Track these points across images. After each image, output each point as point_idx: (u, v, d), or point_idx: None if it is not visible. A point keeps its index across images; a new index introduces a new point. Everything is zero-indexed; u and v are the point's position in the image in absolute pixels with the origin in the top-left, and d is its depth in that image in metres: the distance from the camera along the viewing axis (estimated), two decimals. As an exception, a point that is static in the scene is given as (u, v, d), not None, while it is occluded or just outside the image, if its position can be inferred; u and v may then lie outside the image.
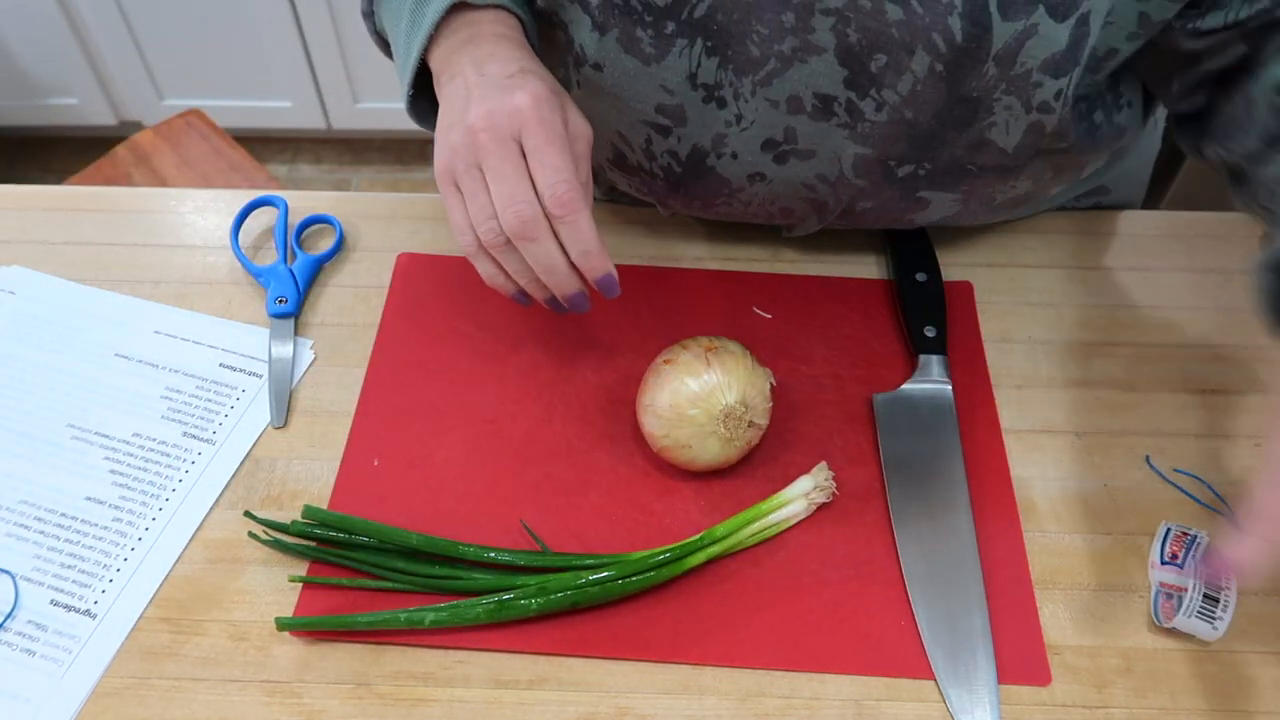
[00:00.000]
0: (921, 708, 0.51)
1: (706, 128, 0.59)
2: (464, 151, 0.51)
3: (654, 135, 0.61)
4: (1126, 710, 0.51)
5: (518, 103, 0.50)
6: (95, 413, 0.63)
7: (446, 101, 0.54)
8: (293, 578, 0.55)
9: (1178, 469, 0.61)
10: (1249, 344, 0.67)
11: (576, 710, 0.52)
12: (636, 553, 0.55)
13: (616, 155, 0.65)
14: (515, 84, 0.51)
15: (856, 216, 0.66)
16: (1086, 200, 0.76)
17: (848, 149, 0.59)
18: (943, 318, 0.65)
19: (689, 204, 0.66)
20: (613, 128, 0.63)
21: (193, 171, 1.31)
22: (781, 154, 0.60)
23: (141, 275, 0.71)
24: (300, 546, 0.56)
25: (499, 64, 0.53)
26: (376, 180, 2.08)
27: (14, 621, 0.54)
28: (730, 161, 0.61)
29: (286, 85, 1.93)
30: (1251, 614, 0.55)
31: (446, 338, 0.67)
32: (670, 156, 0.62)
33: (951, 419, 0.62)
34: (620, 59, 0.58)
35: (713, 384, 0.55)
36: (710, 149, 0.60)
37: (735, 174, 0.62)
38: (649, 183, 0.66)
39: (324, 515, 0.57)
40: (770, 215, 0.66)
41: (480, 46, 0.54)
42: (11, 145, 2.14)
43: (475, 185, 0.51)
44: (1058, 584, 0.56)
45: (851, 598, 0.55)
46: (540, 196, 0.50)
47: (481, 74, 0.52)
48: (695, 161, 0.62)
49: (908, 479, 0.59)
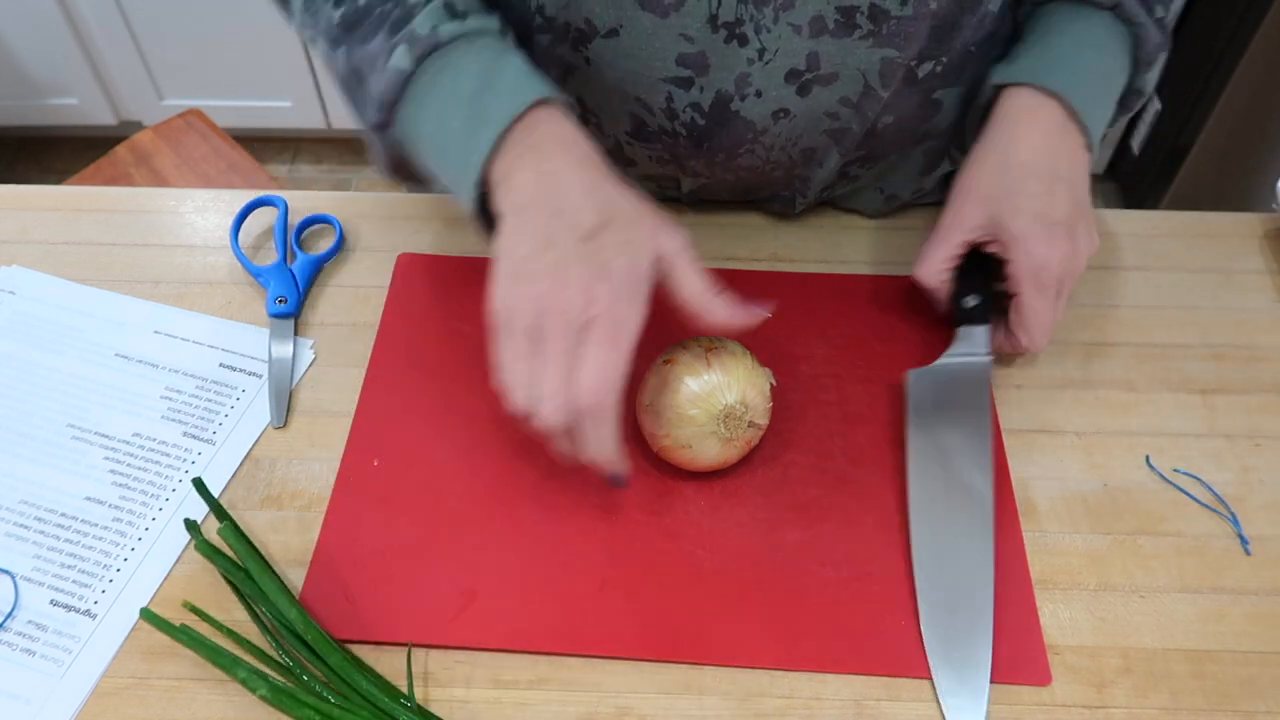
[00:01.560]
0: (921, 708, 0.51)
1: (729, 70, 0.59)
2: (526, 318, 0.50)
3: (675, 91, 0.61)
4: (1126, 710, 0.52)
5: (595, 293, 0.49)
6: (95, 413, 0.63)
7: (511, 227, 0.52)
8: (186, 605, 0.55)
9: (1178, 469, 0.61)
10: (1249, 344, 0.67)
11: (576, 710, 0.52)
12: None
13: (635, 125, 0.65)
14: (593, 254, 0.50)
15: (877, 139, 0.66)
16: None
17: (873, 58, 0.59)
18: (989, 286, 0.64)
19: (711, 160, 0.66)
20: (631, 94, 0.62)
21: (193, 171, 1.31)
22: (805, 84, 0.60)
23: (141, 275, 0.71)
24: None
25: (570, 200, 0.51)
26: (376, 180, 2.08)
27: (14, 621, 0.54)
28: (754, 102, 0.61)
29: (286, 85, 1.93)
30: (1251, 614, 0.55)
31: (446, 338, 0.67)
32: (694, 110, 0.62)
33: (984, 396, 0.62)
34: (638, 17, 0.57)
35: (713, 384, 0.55)
36: (734, 92, 0.60)
37: (759, 114, 0.62)
38: (671, 146, 0.66)
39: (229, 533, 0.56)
40: (791, 161, 0.67)
41: (544, 155, 0.52)
42: (11, 145, 2.14)
43: (525, 351, 0.51)
44: (1058, 584, 0.56)
45: (851, 598, 0.55)
46: (573, 385, 0.49)
47: (555, 211, 0.51)
48: (719, 109, 0.62)
49: (932, 460, 0.59)
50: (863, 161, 0.69)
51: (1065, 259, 0.59)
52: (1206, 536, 0.58)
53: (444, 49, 0.55)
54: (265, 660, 0.53)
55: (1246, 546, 0.57)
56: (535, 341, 0.50)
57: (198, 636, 0.53)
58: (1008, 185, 0.60)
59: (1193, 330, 0.68)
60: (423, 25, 0.54)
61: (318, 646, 0.52)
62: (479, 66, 0.54)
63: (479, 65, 0.54)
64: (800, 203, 0.72)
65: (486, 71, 0.54)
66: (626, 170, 0.72)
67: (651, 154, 0.68)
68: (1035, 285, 0.60)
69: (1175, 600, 0.55)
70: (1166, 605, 0.55)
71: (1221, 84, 1.68)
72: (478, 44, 0.55)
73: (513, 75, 0.54)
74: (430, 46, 0.54)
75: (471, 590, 0.55)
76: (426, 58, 0.55)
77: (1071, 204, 0.60)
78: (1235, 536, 0.58)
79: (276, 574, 0.55)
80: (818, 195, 0.72)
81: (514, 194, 0.53)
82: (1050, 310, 0.60)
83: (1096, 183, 2.07)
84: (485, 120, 0.53)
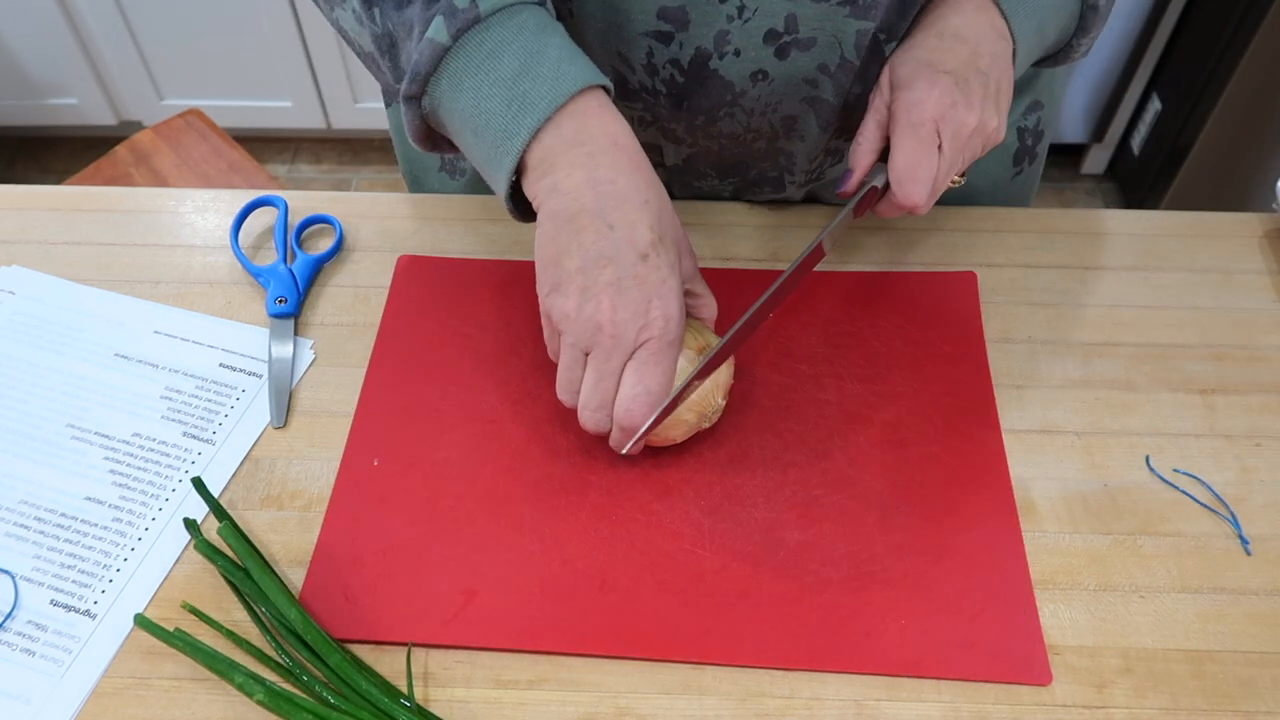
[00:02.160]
0: (921, 708, 0.51)
1: (709, 26, 0.60)
2: (579, 332, 0.53)
3: (655, 46, 0.61)
4: (1126, 710, 0.52)
5: (651, 315, 0.52)
6: (95, 413, 0.63)
7: (558, 233, 0.52)
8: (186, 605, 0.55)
9: (1178, 469, 0.61)
10: (1249, 344, 0.67)
11: (576, 710, 0.52)
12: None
13: (618, 82, 0.65)
14: (649, 275, 0.52)
15: (850, 111, 0.66)
16: (1031, 117, 0.77)
17: (849, 28, 0.59)
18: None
19: (692, 124, 0.66)
20: (613, 49, 0.63)
21: (192, 171, 1.31)
22: (783, 46, 0.60)
23: (141, 275, 0.71)
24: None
25: (625, 215, 0.52)
26: (376, 180, 2.08)
27: (14, 621, 0.54)
28: (733, 61, 0.61)
29: (286, 85, 1.93)
30: (1251, 614, 0.55)
31: (446, 338, 0.67)
32: (673, 66, 0.62)
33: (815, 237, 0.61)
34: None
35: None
36: (713, 49, 0.61)
37: (738, 75, 0.62)
38: (652, 105, 0.66)
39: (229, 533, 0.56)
40: (773, 130, 0.67)
41: (594, 158, 0.52)
42: (11, 145, 2.14)
43: (575, 360, 0.54)
44: (1058, 584, 0.56)
45: (851, 598, 0.55)
46: (618, 402, 0.53)
47: (609, 226, 0.51)
48: (698, 67, 0.62)
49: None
50: (841, 134, 0.69)
51: (945, 104, 0.56)
52: (1206, 536, 0.58)
53: (484, 23, 0.52)
54: (264, 661, 0.53)
55: (1246, 546, 0.57)
56: (587, 352, 0.53)
57: (192, 641, 0.52)
58: (906, 42, 0.60)
59: (1193, 330, 0.68)
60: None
61: (317, 646, 0.52)
62: (520, 44, 0.52)
63: (520, 43, 0.52)
64: (790, 182, 0.71)
65: (528, 51, 0.52)
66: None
67: (633, 114, 0.68)
68: (908, 123, 0.56)
69: (1175, 600, 0.55)
70: (1166, 605, 0.55)
71: (1221, 84, 1.68)
72: (519, 18, 0.53)
73: (554, 58, 0.52)
74: (470, 21, 0.52)
75: (471, 590, 0.55)
76: (465, 32, 0.52)
77: (967, 63, 0.57)
78: (1235, 536, 0.58)
79: (276, 574, 0.55)
80: (807, 175, 0.72)
81: (564, 197, 0.52)
82: (925, 157, 0.56)
83: (1096, 183, 2.07)
84: (526, 106, 0.52)
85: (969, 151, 0.58)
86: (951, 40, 0.58)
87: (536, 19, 0.53)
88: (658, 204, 0.53)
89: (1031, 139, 0.78)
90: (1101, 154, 2.04)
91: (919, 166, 0.56)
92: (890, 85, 0.59)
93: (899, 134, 0.57)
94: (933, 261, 0.71)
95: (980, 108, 0.57)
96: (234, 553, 0.55)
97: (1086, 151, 2.05)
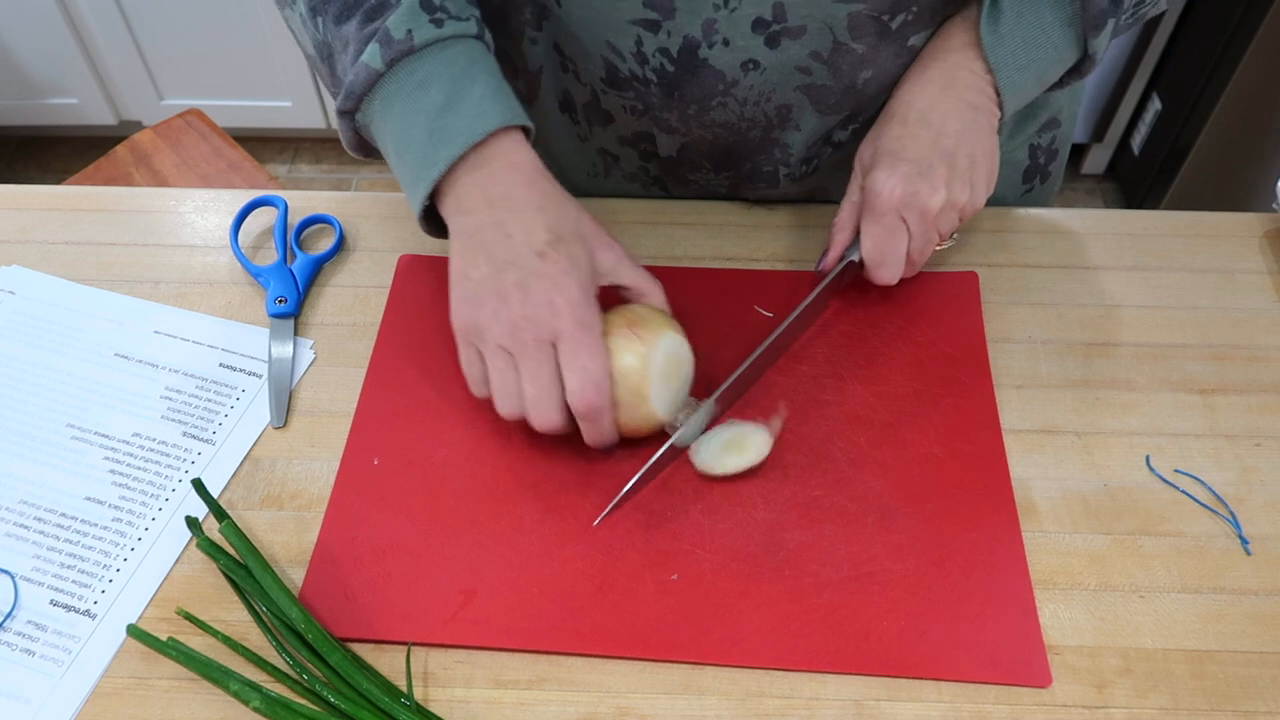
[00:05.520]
0: (921, 708, 0.51)
1: (695, 14, 0.60)
2: (499, 334, 0.55)
3: (643, 34, 0.61)
4: (1126, 710, 0.51)
5: (557, 305, 0.54)
6: (95, 413, 0.63)
7: (465, 248, 0.56)
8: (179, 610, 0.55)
9: (1178, 469, 0.61)
10: (1249, 344, 0.67)
11: (576, 710, 0.52)
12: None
13: (608, 70, 0.65)
14: (549, 269, 0.54)
15: (858, 96, 0.66)
16: (1046, 135, 0.77)
17: (839, 12, 0.60)
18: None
19: (685, 113, 0.66)
20: (601, 38, 0.63)
21: (192, 171, 1.31)
22: (772, 35, 0.61)
23: (141, 275, 0.71)
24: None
25: (521, 222, 0.55)
26: (376, 180, 2.08)
27: (14, 621, 0.54)
28: (722, 50, 0.61)
29: (286, 85, 1.93)
30: (1251, 614, 0.55)
31: (447, 338, 0.66)
32: (662, 55, 0.62)
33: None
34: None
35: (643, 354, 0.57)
36: (702, 39, 0.61)
37: (728, 64, 0.62)
38: (643, 94, 0.66)
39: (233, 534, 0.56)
40: (768, 120, 0.67)
41: (492, 177, 0.56)
42: (11, 145, 2.14)
43: (504, 364, 0.55)
44: (1058, 584, 0.56)
45: (851, 598, 0.55)
46: (568, 394, 0.54)
47: (507, 234, 0.55)
48: (687, 56, 0.62)
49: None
50: (845, 123, 0.69)
51: (908, 193, 0.60)
52: (1206, 536, 0.58)
53: (416, 55, 0.56)
54: (261, 666, 0.53)
55: (1246, 546, 0.57)
56: (513, 354, 0.54)
57: (186, 650, 0.52)
58: (874, 128, 0.63)
59: (1193, 330, 0.68)
60: (398, 27, 0.56)
61: (318, 645, 0.52)
62: (449, 77, 0.56)
63: (449, 77, 0.56)
64: (784, 174, 0.71)
65: (455, 84, 0.56)
66: (605, 128, 0.72)
67: (625, 104, 0.68)
68: (870, 210, 0.61)
69: (1175, 600, 0.55)
70: (1166, 605, 0.55)
71: (1221, 84, 1.68)
72: (451, 52, 0.57)
73: (478, 96, 0.56)
74: (403, 52, 0.56)
75: (471, 589, 0.55)
76: (398, 61, 0.56)
77: (930, 148, 0.60)
78: (1235, 536, 0.58)
79: (276, 573, 0.55)
80: (801, 167, 0.72)
81: (466, 216, 0.57)
82: (887, 238, 0.61)
83: (1097, 183, 2.07)
84: (445, 139, 0.56)
85: (943, 226, 0.62)
86: (915, 125, 0.61)
87: (469, 54, 0.57)
88: (554, 210, 0.57)
89: (1045, 157, 0.78)
90: (1102, 154, 2.05)
91: (886, 251, 0.62)
92: (861, 170, 0.63)
93: (865, 221, 0.62)
94: (934, 261, 0.71)
95: (946, 189, 0.60)
96: (234, 551, 0.55)
97: (1087, 151, 2.05)
